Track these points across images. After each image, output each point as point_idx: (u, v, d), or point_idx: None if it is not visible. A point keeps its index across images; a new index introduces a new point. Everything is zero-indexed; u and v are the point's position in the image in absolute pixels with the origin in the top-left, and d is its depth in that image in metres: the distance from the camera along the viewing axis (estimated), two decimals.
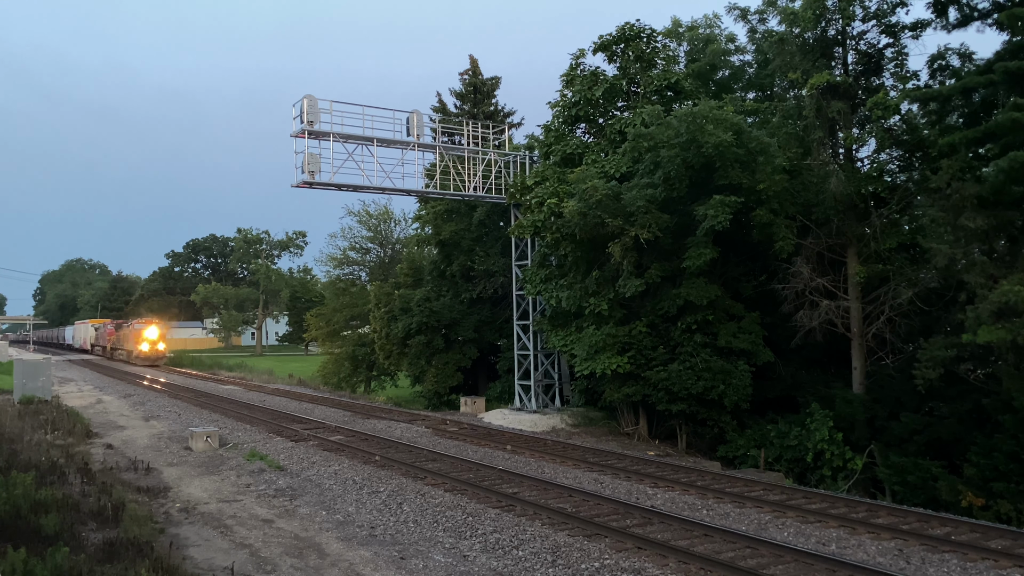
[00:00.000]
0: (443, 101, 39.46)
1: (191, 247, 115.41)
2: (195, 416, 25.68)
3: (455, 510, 12.74)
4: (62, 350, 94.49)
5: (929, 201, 18.47)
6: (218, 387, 37.38)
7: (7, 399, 27.28)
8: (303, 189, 24.25)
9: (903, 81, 21.59)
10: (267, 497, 13.93)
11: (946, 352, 17.50)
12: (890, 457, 19.13)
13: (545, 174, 25.14)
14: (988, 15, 19.16)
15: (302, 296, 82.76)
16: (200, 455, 18.23)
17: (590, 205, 21.01)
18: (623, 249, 21.13)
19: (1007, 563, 10.10)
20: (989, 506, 16.73)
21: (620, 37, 25.78)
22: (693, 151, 20.31)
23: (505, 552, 10.57)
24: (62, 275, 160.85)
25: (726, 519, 12.35)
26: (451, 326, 32.81)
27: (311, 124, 23.74)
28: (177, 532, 11.36)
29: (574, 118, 26.46)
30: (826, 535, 11.39)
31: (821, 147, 21.34)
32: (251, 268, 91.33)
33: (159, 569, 8.49)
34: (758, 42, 25.01)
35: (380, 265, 51.23)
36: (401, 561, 10.15)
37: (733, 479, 15.71)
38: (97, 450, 18.54)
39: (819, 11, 20.92)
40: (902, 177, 21.82)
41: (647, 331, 22.37)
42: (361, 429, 22.24)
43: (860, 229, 21.41)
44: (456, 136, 30.78)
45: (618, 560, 10.12)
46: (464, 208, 32.73)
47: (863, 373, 21.54)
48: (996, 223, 16.81)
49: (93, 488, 13.11)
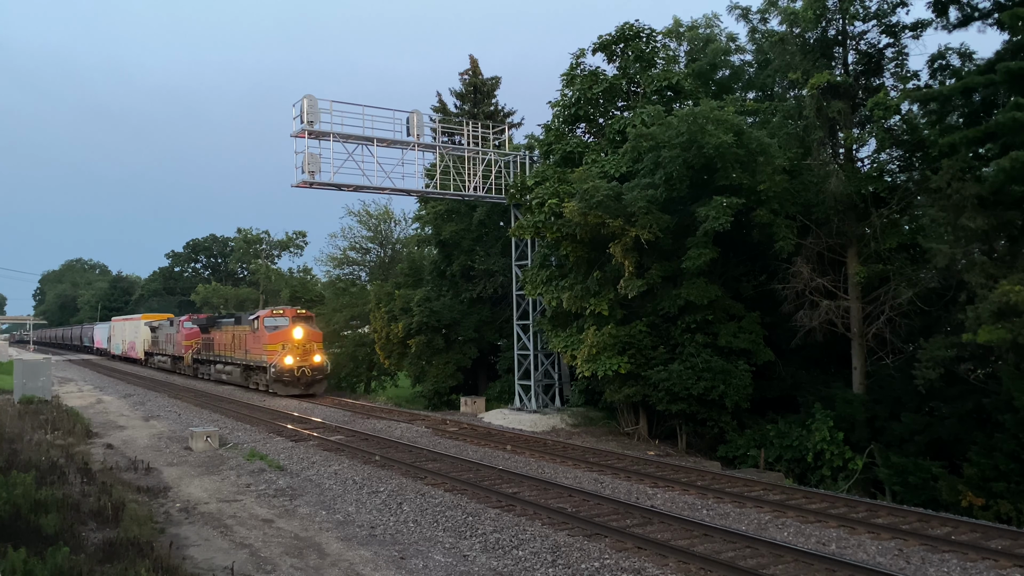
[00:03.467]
0: (443, 101, 39.46)
1: (191, 247, 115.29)
2: (195, 416, 25.67)
3: (455, 510, 12.73)
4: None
5: (929, 201, 18.46)
6: (217, 387, 37.36)
7: (7, 399, 27.27)
8: (303, 189, 24.26)
9: (903, 81, 21.58)
10: (267, 497, 13.92)
11: (946, 352, 17.49)
12: (890, 457, 19.12)
13: (545, 174, 25.13)
14: (989, 15, 19.16)
15: (302, 296, 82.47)
16: (200, 455, 18.22)
17: (591, 205, 21.00)
18: (624, 250, 21.13)
19: (1007, 563, 10.10)
20: (989, 506, 16.72)
21: (620, 37, 25.78)
22: (694, 151, 20.30)
23: (505, 552, 10.57)
24: (62, 275, 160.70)
25: (726, 519, 12.34)
26: (451, 326, 32.80)
27: (311, 124, 23.74)
28: (177, 532, 11.36)
29: (574, 118, 26.46)
30: (826, 535, 11.38)
31: (821, 147, 21.34)
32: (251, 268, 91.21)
33: (159, 569, 8.49)
34: (758, 42, 24.99)
35: (380, 265, 51.16)
36: (401, 561, 10.15)
37: (733, 479, 15.71)
38: (97, 450, 18.54)
39: (820, 11, 20.92)
40: (902, 177, 21.81)
41: (647, 331, 22.36)
42: (361, 429, 22.23)
43: (860, 229, 21.40)
44: (456, 136, 30.75)
45: (618, 560, 10.11)
46: (464, 208, 32.71)
47: (863, 373, 21.53)
48: (996, 223, 16.80)
49: (93, 488, 13.11)
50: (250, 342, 34.16)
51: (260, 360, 33.16)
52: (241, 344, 35.33)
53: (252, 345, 33.96)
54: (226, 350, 37.80)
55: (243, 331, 35.26)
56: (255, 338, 33.45)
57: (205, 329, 41.93)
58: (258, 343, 33.23)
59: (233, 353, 36.71)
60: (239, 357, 35.94)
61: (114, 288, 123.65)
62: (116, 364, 60.85)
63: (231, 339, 37.04)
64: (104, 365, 59.00)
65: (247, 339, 34.61)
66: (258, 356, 33.41)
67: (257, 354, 33.47)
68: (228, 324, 38.25)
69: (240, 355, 35.70)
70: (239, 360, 35.96)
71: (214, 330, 40.10)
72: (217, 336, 39.43)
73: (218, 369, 38.99)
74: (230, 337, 37.16)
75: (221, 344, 38.69)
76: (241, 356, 35.62)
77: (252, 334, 33.87)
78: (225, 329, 38.27)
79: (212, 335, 40.16)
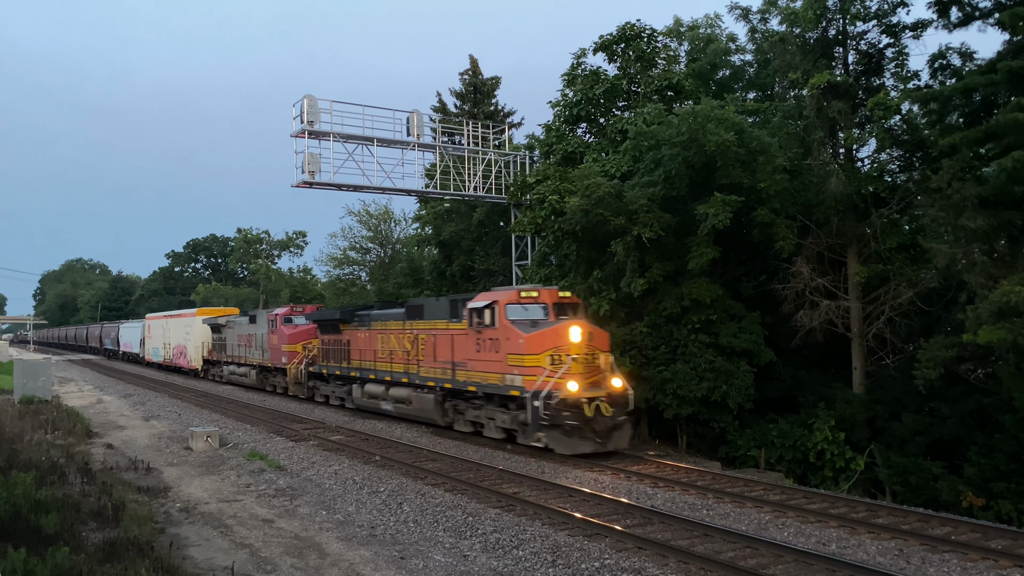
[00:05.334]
0: (443, 101, 39.49)
1: (191, 247, 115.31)
2: (195, 416, 25.67)
3: (455, 510, 12.73)
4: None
5: (929, 201, 18.47)
6: (217, 387, 37.38)
7: (7, 399, 27.27)
8: (303, 189, 24.27)
9: (904, 81, 21.61)
10: (267, 497, 13.92)
11: (946, 352, 17.50)
12: (891, 457, 19.13)
13: (547, 172, 25.15)
14: (990, 14, 19.17)
15: (302, 296, 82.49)
16: (200, 455, 18.22)
17: (592, 201, 20.99)
18: (626, 248, 21.13)
19: (1007, 563, 10.09)
20: (990, 506, 16.73)
21: (621, 37, 25.81)
22: (694, 150, 20.31)
23: (505, 552, 10.56)
24: (62, 275, 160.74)
25: (726, 519, 12.33)
26: None
27: (311, 124, 23.76)
28: (177, 532, 11.36)
29: (575, 118, 26.49)
30: (826, 535, 11.37)
31: (821, 147, 21.35)
32: (251, 268, 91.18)
33: (159, 569, 8.48)
34: (759, 42, 25.04)
35: (380, 265, 51.17)
36: (401, 561, 10.14)
37: (733, 479, 15.69)
38: (97, 450, 18.54)
39: (820, 11, 20.94)
40: (902, 177, 21.84)
41: (648, 331, 22.35)
42: (361, 429, 22.22)
43: (860, 229, 21.42)
44: (456, 136, 30.77)
45: (618, 560, 10.11)
46: (464, 208, 32.73)
47: (863, 373, 21.54)
48: (996, 223, 16.81)
49: (93, 488, 13.10)
50: (462, 347, 19.74)
51: (498, 382, 18.38)
52: (430, 350, 21.29)
53: (469, 353, 19.51)
54: (386, 360, 23.69)
55: (431, 329, 21.32)
56: (477, 340, 19.08)
57: (331, 326, 27.57)
58: (490, 349, 18.78)
59: (408, 366, 22.32)
60: (426, 372, 21.38)
61: (114, 288, 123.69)
62: (116, 364, 60.55)
63: (400, 342, 22.95)
64: (104, 365, 58.84)
65: (447, 343, 20.47)
66: (490, 372, 18.71)
67: (487, 368, 18.85)
68: (386, 316, 24.37)
69: (429, 369, 21.22)
70: (428, 378, 21.26)
71: (351, 327, 26.25)
72: (358, 337, 25.68)
73: (372, 392, 24.38)
74: (395, 340, 23.22)
75: (367, 350, 24.97)
76: (435, 371, 20.97)
77: (468, 334, 19.40)
78: (378, 325, 24.50)
79: (346, 335, 26.51)
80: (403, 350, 22.76)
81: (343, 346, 26.59)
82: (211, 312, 45.05)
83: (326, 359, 28.17)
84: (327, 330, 28.00)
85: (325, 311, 31.32)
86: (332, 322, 27.53)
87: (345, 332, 26.74)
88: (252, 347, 34.75)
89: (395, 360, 23.20)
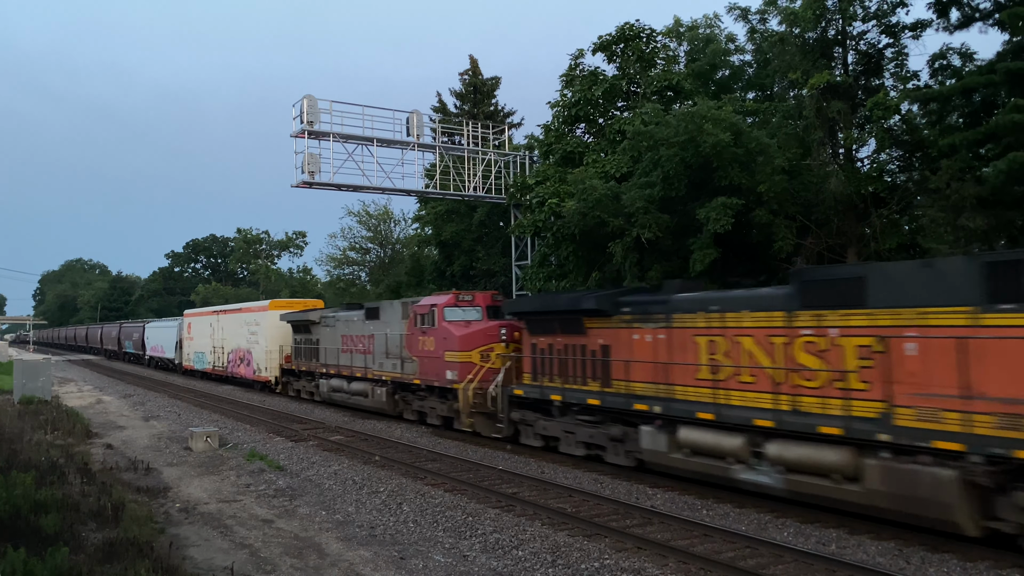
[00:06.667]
0: (443, 101, 39.53)
1: (191, 247, 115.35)
2: (195, 416, 25.67)
3: (455, 510, 12.74)
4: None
5: (929, 201, 18.47)
6: (217, 387, 37.36)
7: (7, 399, 27.28)
8: (303, 189, 24.28)
9: (903, 81, 21.60)
10: (267, 497, 13.92)
11: None
12: None
13: (546, 173, 25.17)
14: (990, 15, 19.18)
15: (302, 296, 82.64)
16: (200, 455, 18.22)
17: (589, 204, 21.00)
18: (624, 249, 21.13)
19: (1007, 563, 10.08)
20: None
21: (620, 37, 25.82)
22: (692, 151, 20.31)
23: (505, 552, 10.57)
24: (62, 275, 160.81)
25: (726, 519, 12.33)
26: None
27: (311, 124, 23.77)
28: (177, 532, 11.36)
29: (574, 118, 26.49)
30: (826, 535, 11.37)
31: (821, 147, 21.34)
32: (251, 268, 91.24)
33: (159, 569, 8.49)
34: (758, 42, 25.02)
35: (380, 265, 51.22)
36: (401, 561, 10.15)
37: None
38: (97, 450, 18.54)
39: (819, 11, 20.93)
40: (902, 177, 21.82)
41: None
42: (361, 429, 22.22)
43: (860, 229, 21.40)
44: (456, 136, 30.78)
45: (618, 560, 10.11)
46: (464, 208, 32.75)
47: None
48: (996, 223, 16.82)
49: (93, 488, 13.10)
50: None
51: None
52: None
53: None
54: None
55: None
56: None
57: (539, 324, 17.44)
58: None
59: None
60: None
61: (114, 288, 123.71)
62: (116, 364, 60.19)
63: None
64: (104, 365, 58.66)
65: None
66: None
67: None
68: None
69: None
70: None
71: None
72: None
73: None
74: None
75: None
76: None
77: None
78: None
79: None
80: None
81: (568, 354, 22.31)
82: (290, 304, 33.86)
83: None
84: (539, 332, 19.90)
85: (525, 300, 21.07)
86: (544, 313, 18.45)
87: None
88: (373, 353, 23.46)
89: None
